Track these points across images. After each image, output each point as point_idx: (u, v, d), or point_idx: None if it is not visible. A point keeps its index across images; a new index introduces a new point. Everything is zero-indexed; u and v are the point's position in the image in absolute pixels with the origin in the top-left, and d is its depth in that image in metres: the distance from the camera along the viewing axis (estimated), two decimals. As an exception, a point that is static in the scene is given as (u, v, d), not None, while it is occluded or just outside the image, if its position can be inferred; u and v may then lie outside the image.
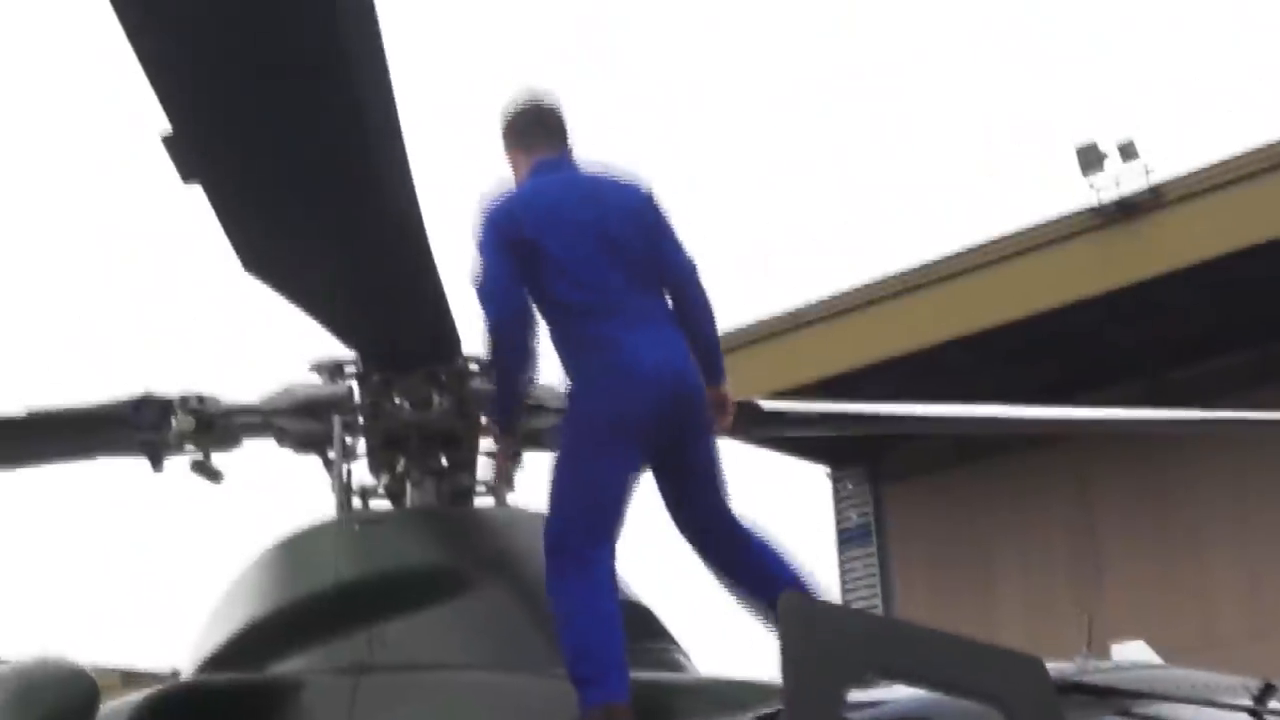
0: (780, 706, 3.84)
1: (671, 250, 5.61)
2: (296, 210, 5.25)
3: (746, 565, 5.49)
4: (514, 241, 5.35)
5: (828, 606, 3.75)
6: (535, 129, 5.71)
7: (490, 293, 5.37)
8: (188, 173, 4.83)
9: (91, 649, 6.19)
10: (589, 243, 5.43)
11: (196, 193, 4.92)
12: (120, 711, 5.91)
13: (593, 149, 5.80)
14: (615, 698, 5.05)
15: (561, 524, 5.27)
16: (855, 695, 3.91)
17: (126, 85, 4.41)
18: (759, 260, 43.24)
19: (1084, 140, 18.35)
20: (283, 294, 5.73)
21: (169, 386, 6.68)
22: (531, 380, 5.74)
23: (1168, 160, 18.20)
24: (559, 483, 5.32)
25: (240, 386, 6.78)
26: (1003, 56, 44.93)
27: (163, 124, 4.61)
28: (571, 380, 5.42)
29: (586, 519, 5.24)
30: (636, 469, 5.35)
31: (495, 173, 5.72)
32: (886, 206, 42.95)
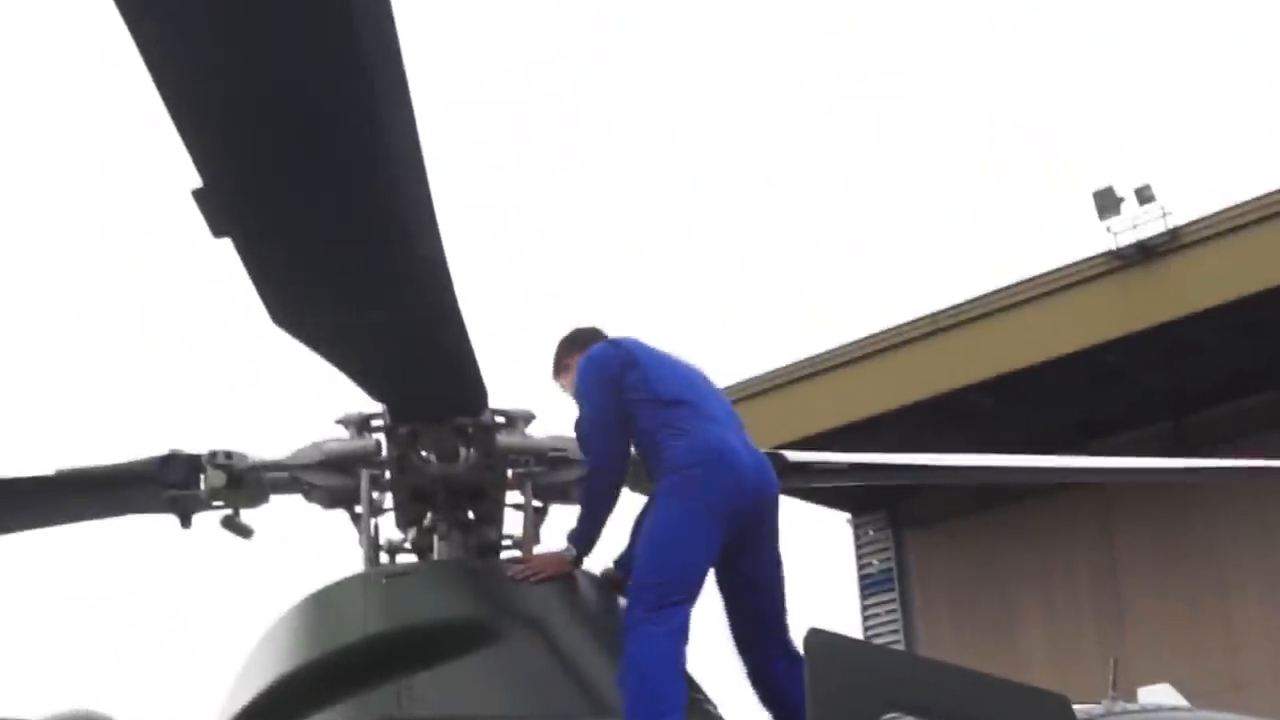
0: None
1: None
2: (326, 264, 5.28)
3: (784, 690, 5.88)
4: (624, 365, 6.14)
5: (854, 643, 3.74)
6: (594, 336, 6.54)
7: (600, 433, 6.12)
8: (218, 227, 4.84)
9: (122, 709, 6.19)
10: (686, 371, 6.28)
11: (226, 247, 4.94)
12: (152, 768, 5.93)
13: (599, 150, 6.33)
14: None
15: (650, 577, 5.74)
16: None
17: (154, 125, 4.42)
18: (760, 270, 43.22)
19: (1100, 184, 18.38)
20: (311, 347, 5.74)
21: (196, 444, 6.72)
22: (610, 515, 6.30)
23: (1185, 203, 18.23)
24: (655, 543, 5.83)
25: (268, 442, 6.81)
26: (1009, 71, 44.93)
27: (193, 178, 4.62)
28: (671, 459, 5.93)
29: (675, 579, 5.71)
30: (719, 549, 5.86)
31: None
32: (892, 208, 42.92)
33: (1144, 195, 18.09)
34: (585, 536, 6.27)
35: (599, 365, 6.22)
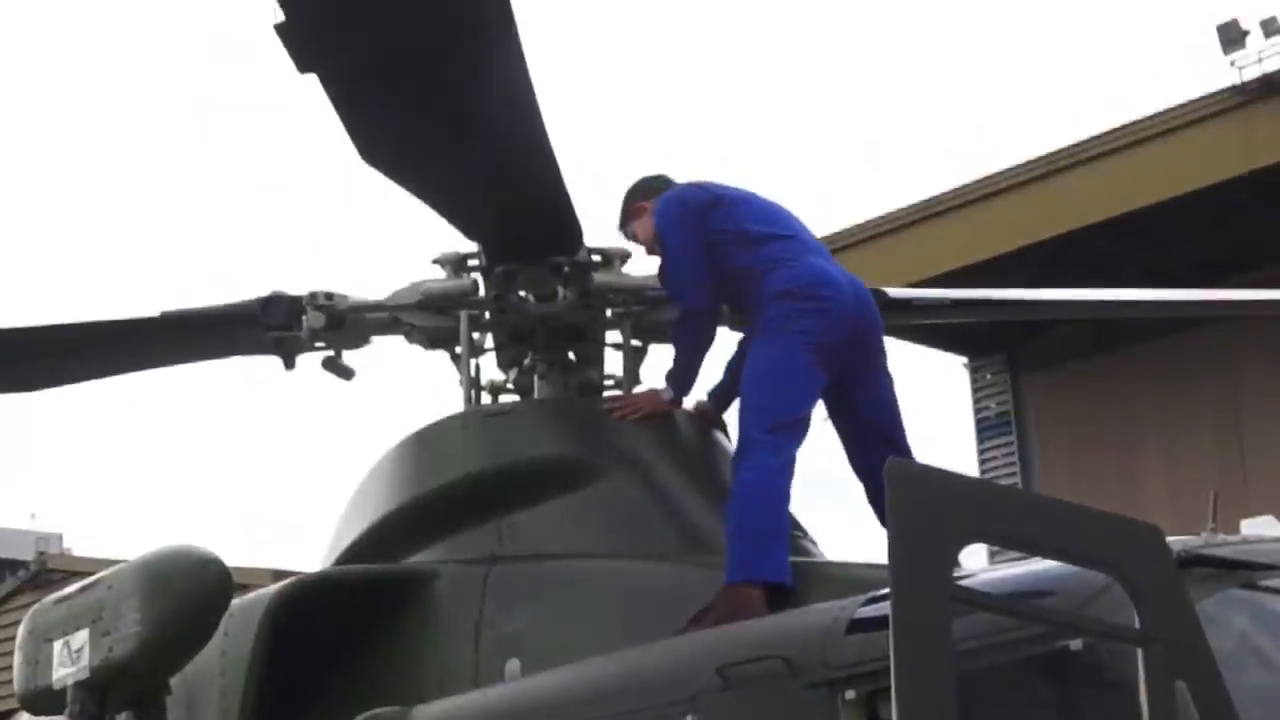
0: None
1: None
2: (413, 97, 5.25)
3: None
4: (710, 203, 6.06)
5: (937, 471, 3.68)
6: (664, 183, 6.37)
7: (690, 278, 6.05)
8: (303, 62, 4.82)
9: (227, 548, 6.29)
10: (772, 207, 6.18)
11: (312, 83, 4.92)
12: (259, 599, 6.05)
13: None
14: (771, 576, 5.45)
15: (760, 410, 5.73)
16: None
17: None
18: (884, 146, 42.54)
19: (1224, 17, 17.87)
20: (402, 184, 5.73)
21: (297, 285, 6.76)
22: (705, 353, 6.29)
23: (1313, 35, 17.65)
24: (759, 376, 5.80)
25: (368, 284, 6.84)
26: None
27: (276, 12, 4.60)
28: (766, 292, 5.86)
29: (782, 410, 5.70)
30: (825, 380, 5.84)
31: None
32: (1010, 46, 41.93)
33: (1270, 27, 17.56)
34: (682, 376, 6.29)
35: (682, 202, 6.16)
